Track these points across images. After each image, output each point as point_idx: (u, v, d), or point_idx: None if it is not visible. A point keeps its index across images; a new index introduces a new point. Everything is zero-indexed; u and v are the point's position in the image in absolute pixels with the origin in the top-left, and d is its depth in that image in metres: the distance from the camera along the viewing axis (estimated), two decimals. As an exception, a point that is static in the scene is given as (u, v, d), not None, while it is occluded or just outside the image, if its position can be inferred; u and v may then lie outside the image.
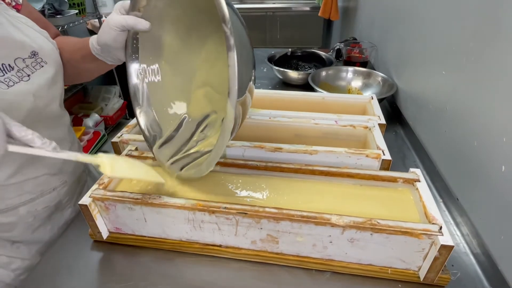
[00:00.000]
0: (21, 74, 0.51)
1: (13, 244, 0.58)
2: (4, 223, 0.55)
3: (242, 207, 0.47)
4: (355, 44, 1.25)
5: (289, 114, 0.69)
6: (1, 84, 0.48)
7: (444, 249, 0.42)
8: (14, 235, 0.57)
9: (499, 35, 0.51)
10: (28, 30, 0.54)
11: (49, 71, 0.55)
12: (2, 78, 0.48)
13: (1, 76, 0.48)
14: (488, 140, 0.53)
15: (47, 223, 0.62)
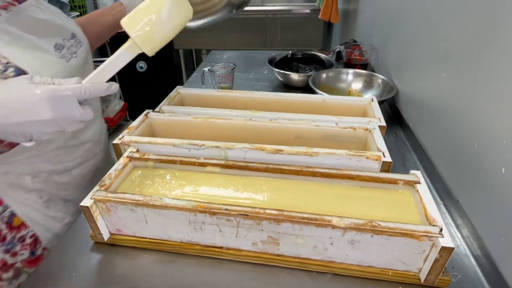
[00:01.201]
0: (71, 51, 0.59)
1: (66, 202, 0.67)
2: (61, 183, 0.64)
3: (243, 209, 0.47)
4: (355, 46, 1.25)
5: (290, 116, 0.69)
6: (62, 60, 0.56)
7: (444, 251, 0.42)
8: (67, 193, 0.66)
9: (499, 38, 0.51)
10: (61, 16, 0.62)
11: (85, 50, 0.64)
12: (60, 54, 0.56)
13: (59, 53, 0.56)
14: (488, 142, 0.53)
15: (90, 185, 0.70)
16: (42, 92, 0.40)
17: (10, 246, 0.59)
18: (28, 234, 0.61)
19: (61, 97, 0.40)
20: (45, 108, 0.39)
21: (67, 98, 0.41)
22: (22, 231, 0.60)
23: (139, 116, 0.72)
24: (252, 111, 0.71)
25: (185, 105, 0.85)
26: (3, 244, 0.58)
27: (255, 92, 0.82)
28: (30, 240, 0.61)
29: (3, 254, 0.59)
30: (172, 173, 0.59)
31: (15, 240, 0.59)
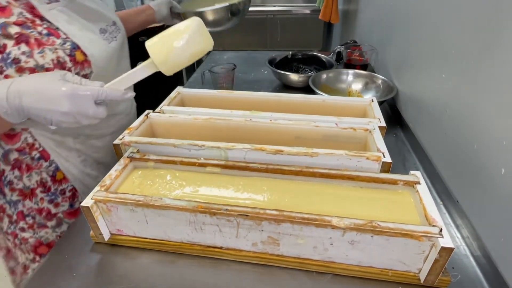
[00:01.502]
0: (112, 35, 0.69)
1: (98, 163, 0.74)
2: (95, 146, 0.72)
3: (243, 209, 0.47)
4: (356, 47, 1.25)
5: (290, 116, 0.69)
6: (105, 41, 0.66)
7: (444, 251, 0.42)
8: (100, 156, 0.74)
9: (499, 39, 0.51)
10: (104, 6, 0.74)
11: (123, 36, 0.74)
12: (103, 37, 0.66)
13: (103, 35, 0.66)
14: (488, 143, 0.53)
15: None
16: (66, 89, 0.48)
17: (53, 197, 0.68)
18: (68, 188, 0.70)
19: (80, 95, 0.48)
20: (64, 102, 0.47)
21: (85, 97, 0.49)
22: (63, 184, 0.69)
23: (140, 117, 0.72)
24: (252, 111, 0.71)
25: (186, 106, 0.85)
26: (47, 195, 0.68)
27: (255, 93, 0.82)
28: (70, 194, 0.70)
29: (48, 203, 0.68)
30: (173, 173, 0.59)
31: (57, 192, 0.69)
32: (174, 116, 0.71)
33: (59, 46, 0.56)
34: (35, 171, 0.65)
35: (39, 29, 0.56)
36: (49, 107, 0.47)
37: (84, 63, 0.59)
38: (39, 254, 0.71)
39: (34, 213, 0.67)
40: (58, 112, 0.48)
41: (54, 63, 0.55)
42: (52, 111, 0.48)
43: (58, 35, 0.57)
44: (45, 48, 0.55)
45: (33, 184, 0.66)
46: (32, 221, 0.68)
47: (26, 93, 0.47)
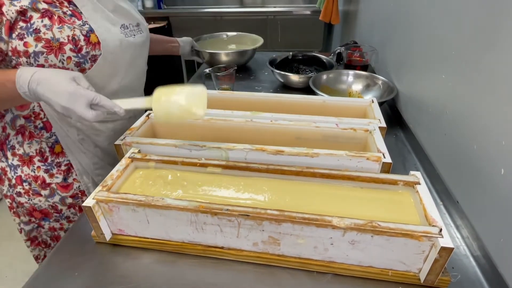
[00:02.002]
0: (131, 33, 0.74)
1: (95, 146, 0.78)
2: (95, 128, 0.75)
3: (244, 209, 0.47)
4: (356, 47, 1.25)
5: (290, 117, 0.70)
6: (122, 34, 0.71)
7: (444, 251, 0.42)
8: (98, 140, 0.77)
9: (498, 40, 0.51)
10: (135, 9, 0.81)
11: (143, 37, 0.79)
12: (122, 31, 0.72)
13: (122, 30, 0.72)
14: (487, 144, 0.54)
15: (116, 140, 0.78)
16: (69, 88, 0.55)
17: (49, 167, 0.73)
18: (64, 162, 0.74)
19: (77, 95, 0.55)
20: (64, 97, 0.55)
21: (81, 97, 0.55)
22: (60, 157, 0.74)
23: (141, 117, 0.72)
24: (253, 112, 0.72)
25: (186, 106, 0.85)
26: (44, 164, 0.73)
27: (256, 93, 0.83)
28: (65, 168, 0.75)
29: (43, 172, 0.73)
30: (174, 173, 0.59)
31: (53, 164, 0.73)
32: (175, 116, 0.71)
33: (78, 26, 0.62)
34: (35, 140, 0.71)
35: (65, 9, 0.62)
36: (54, 98, 0.55)
37: (96, 45, 0.64)
38: (33, 217, 0.78)
39: (30, 180, 0.73)
40: (58, 104, 0.55)
41: (69, 39, 0.61)
42: (54, 101, 0.55)
43: (80, 17, 0.63)
44: (65, 25, 0.61)
45: (32, 151, 0.71)
46: (28, 187, 0.73)
47: (42, 82, 0.55)
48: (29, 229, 0.80)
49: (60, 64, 0.62)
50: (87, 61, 0.64)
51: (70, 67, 0.63)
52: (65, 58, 0.62)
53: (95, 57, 0.65)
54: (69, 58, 0.62)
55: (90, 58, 0.64)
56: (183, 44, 1.14)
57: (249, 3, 2.62)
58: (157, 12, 2.55)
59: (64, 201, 0.76)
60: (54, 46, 0.60)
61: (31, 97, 0.57)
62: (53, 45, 0.60)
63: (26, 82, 0.56)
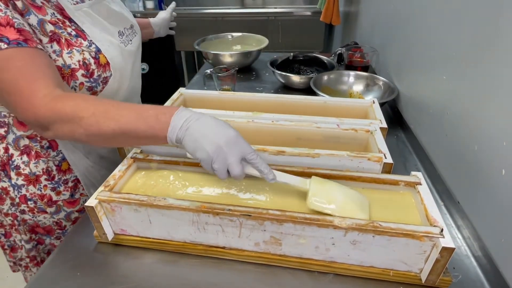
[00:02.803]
0: (128, 39, 0.73)
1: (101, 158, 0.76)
2: None
3: (245, 209, 0.47)
4: (357, 48, 1.25)
5: (292, 117, 0.70)
6: (122, 44, 0.70)
7: (445, 251, 0.43)
8: (103, 151, 0.76)
9: (499, 41, 0.52)
10: (125, 9, 0.78)
11: (138, 39, 0.79)
12: (121, 39, 0.70)
13: (121, 38, 0.70)
14: (488, 144, 0.54)
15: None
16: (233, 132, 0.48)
17: (56, 185, 0.70)
18: (71, 178, 0.72)
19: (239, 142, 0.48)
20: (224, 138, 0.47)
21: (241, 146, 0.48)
22: (67, 174, 0.71)
23: (143, 118, 0.72)
24: (254, 112, 0.72)
25: (188, 107, 0.85)
26: (51, 183, 0.70)
27: (257, 94, 0.83)
28: (72, 184, 0.72)
29: (50, 191, 0.70)
30: (176, 174, 0.59)
31: (60, 181, 0.71)
32: (176, 117, 0.72)
33: (85, 48, 0.60)
34: (42, 159, 0.67)
35: (69, 30, 0.59)
36: (211, 135, 0.46)
37: (106, 66, 0.62)
38: (34, 233, 0.75)
39: (36, 198, 0.70)
40: (214, 143, 0.46)
41: (80, 64, 0.59)
42: (210, 139, 0.46)
43: (85, 37, 0.61)
44: (73, 49, 0.58)
45: (39, 171, 0.68)
46: (33, 205, 0.71)
47: (201, 119, 0.48)
48: (29, 247, 0.76)
49: (72, 90, 0.60)
50: (99, 84, 0.63)
51: (82, 92, 0.61)
52: (77, 84, 0.60)
53: (106, 79, 0.64)
54: (82, 84, 0.60)
55: (101, 81, 0.63)
56: (158, 29, 1.06)
57: (250, 4, 2.63)
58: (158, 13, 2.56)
59: (69, 216, 0.75)
60: (65, 74, 0.58)
61: (175, 134, 0.47)
62: (65, 72, 0.57)
63: (186, 116, 0.47)
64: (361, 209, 0.49)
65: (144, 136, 0.49)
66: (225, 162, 0.46)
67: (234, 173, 0.47)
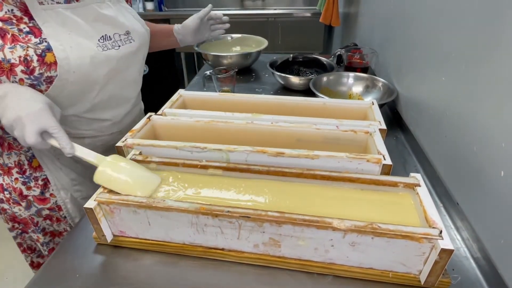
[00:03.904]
0: (114, 44, 0.70)
1: (75, 162, 0.76)
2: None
3: (244, 211, 0.47)
4: (356, 50, 1.26)
5: (291, 119, 0.70)
6: (99, 48, 0.66)
7: (444, 253, 0.43)
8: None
9: (498, 42, 0.52)
10: (129, 17, 0.76)
11: (134, 46, 0.75)
12: (101, 43, 0.67)
13: (101, 42, 0.67)
14: (487, 146, 0.54)
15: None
16: (38, 106, 0.54)
17: (27, 180, 0.73)
18: (41, 177, 0.74)
19: (42, 116, 0.54)
20: (26, 110, 0.53)
21: (41, 120, 0.54)
22: (38, 172, 0.73)
23: (142, 119, 0.73)
24: (254, 114, 0.72)
25: (187, 108, 0.85)
26: (22, 176, 0.73)
27: (256, 96, 0.83)
28: (42, 183, 0.74)
29: (21, 184, 0.73)
30: (175, 175, 0.59)
31: (31, 177, 0.73)
32: (176, 118, 0.72)
33: (32, 45, 0.58)
34: (14, 151, 0.70)
35: (22, 26, 0.58)
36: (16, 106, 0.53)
37: (52, 65, 0.60)
38: (16, 222, 0.78)
39: (10, 189, 0.73)
40: (14, 113, 0.53)
41: (21, 60, 0.57)
42: (12, 108, 0.53)
43: (39, 34, 0.59)
44: (17, 45, 0.57)
45: (11, 163, 0.71)
46: (9, 196, 0.74)
47: (12, 91, 0.55)
48: (14, 235, 0.80)
49: None
50: (42, 83, 0.60)
51: None
52: (17, 80, 0.59)
53: (51, 79, 0.61)
54: (21, 80, 0.59)
55: (44, 80, 0.60)
56: (180, 36, 0.96)
57: (250, 5, 2.63)
58: (158, 14, 2.56)
59: (41, 212, 0.75)
60: (5, 68, 0.57)
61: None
62: (4, 66, 0.57)
63: (1, 90, 0.54)
64: (142, 188, 0.54)
65: None
66: (22, 131, 0.53)
67: (28, 141, 0.53)
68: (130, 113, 0.82)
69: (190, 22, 0.94)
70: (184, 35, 0.95)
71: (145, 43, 0.80)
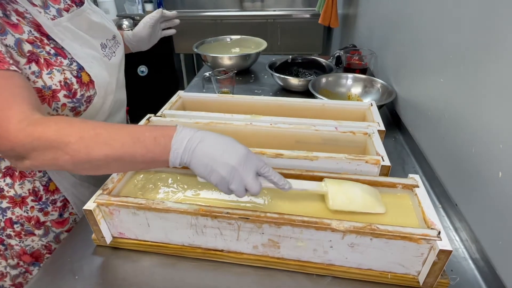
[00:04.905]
0: (111, 50, 0.70)
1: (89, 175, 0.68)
2: None
3: (244, 212, 0.48)
4: (355, 51, 1.26)
5: (290, 120, 0.70)
6: (105, 58, 0.67)
7: (442, 254, 0.43)
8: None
9: (496, 44, 0.52)
10: (106, 19, 0.73)
11: (122, 49, 0.75)
12: (104, 52, 0.67)
13: (104, 51, 0.67)
14: (485, 147, 0.54)
15: None
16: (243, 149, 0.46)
17: (44, 206, 0.67)
18: (60, 198, 0.68)
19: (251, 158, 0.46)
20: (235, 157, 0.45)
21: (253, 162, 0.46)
22: (55, 195, 0.68)
23: (141, 121, 0.73)
24: (253, 115, 0.72)
25: (187, 110, 0.85)
26: (38, 203, 0.66)
27: (255, 97, 0.83)
28: (61, 204, 0.69)
29: (37, 212, 0.67)
30: (174, 177, 0.59)
31: (48, 202, 0.67)
32: (175, 120, 0.72)
33: (66, 67, 0.56)
34: (27, 179, 0.64)
35: (47, 48, 0.55)
36: (221, 156, 0.44)
37: (89, 84, 0.59)
38: (22, 260, 0.70)
39: (23, 221, 0.66)
40: (227, 164, 0.44)
41: (62, 84, 0.55)
42: (221, 161, 0.44)
43: (65, 55, 0.57)
44: (54, 69, 0.55)
45: (25, 192, 0.64)
46: (20, 229, 0.67)
47: (206, 139, 0.45)
48: (16, 273, 0.71)
49: (54, 112, 0.56)
50: (83, 104, 0.59)
51: (65, 113, 0.58)
52: (59, 105, 0.56)
53: (90, 98, 0.60)
54: (64, 105, 0.57)
55: (85, 100, 0.59)
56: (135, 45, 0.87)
57: (249, 7, 2.64)
58: (157, 15, 2.56)
59: (59, 238, 0.71)
60: (46, 95, 0.54)
61: (179, 157, 0.45)
62: (45, 94, 0.54)
63: (187, 137, 0.45)
64: (379, 201, 0.51)
65: (142, 161, 0.45)
66: (241, 182, 0.45)
67: (253, 190, 0.45)
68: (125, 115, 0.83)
69: (142, 32, 0.85)
70: (137, 42, 0.87)
71: (123, 44, 0.79)
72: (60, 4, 0.62)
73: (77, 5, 0.65)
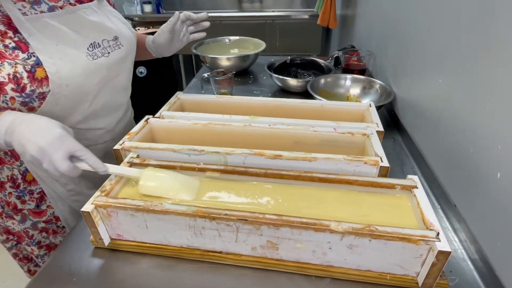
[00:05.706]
0: (104, 51, 0.67)
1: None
2: None
3: (242, 214, 0.47)
4: (354, 52, 1.26)
5: (288, 121, 0.70)
6: (89, 57, 0.64)
7: (441, 255, 0.43)
8: None
9: (494, 45, 0.52)
10: (115, 21, 0.73)
11: (123, 52, 0.72)
12: (90, 52, 0.64)
13: (90, 50, 0.65)
14: (484, 148, 0.54)
15: None
16: (57, 132, 0.50)
17: (21, 194, 0.71)
18: (37, 190, 0.71)
19: (64, 141, 0.50)
20: (46, 138, 0.49)
21: (66, 145, 0.50)
22: (33, 186, 0.71)
23: (140, 122, 0.73)
24: (251, 116, 0.72)
25: (185, 111, 0.85)
26: (16, 191, 0.70)
27: (254, 98, 0.83)
28: (38, 196, 0.72)
29: (15, 198, 0.71)
30: (172, 178, 0.59)
31: (26, 191, 0.71)
32: (174, 121, 0.72)
33: (21, 61, 0.55)
34: (7, 166, 0.67)
35: (7, 41, 0.55)
36: (33, 137, 0.49)
37: (43, 81, 0.57)
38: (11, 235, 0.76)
39: (3, 203, 0.71)
40: (36, 145, 0.49)
41: (10, 77, 0.55)
42: (33, 141, 0.49)
43: (26, 49, 0.56)
44: (5, 62, 0.54)
45: (3, 177, 0.68)
46: (1, 210, 0.72)
47: (25, 121, 0.50)
48: (9, 246, 0.78)
49: (4, 105, 0.57)
50: (34, 100, 0.58)
51: (16, 107, 0.58)
52: (8, 98, 0.56)
53: (43, 95, 0.58)
54: (13, 98, 0.56)
55: (37, 97, 0.58)
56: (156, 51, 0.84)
57: (248, 8, 2.64)
58: (156, 16, 2.57)
59: (36, 226, 0.74)
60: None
61: (2, 138, 0.51)
62: None
63: (10, 119, 0.50)
64: (188, 190, 0.55)
65: None
66: (51, 162, 0.49)
67: (60, 169, 0.49)
68: (122, 119, 0.81)
69: (159, 38, 0.80)
70: (156, 48, 0.83)
71: (133, 47, 0.77)
72: (58, 2, 0.62)
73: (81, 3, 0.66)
